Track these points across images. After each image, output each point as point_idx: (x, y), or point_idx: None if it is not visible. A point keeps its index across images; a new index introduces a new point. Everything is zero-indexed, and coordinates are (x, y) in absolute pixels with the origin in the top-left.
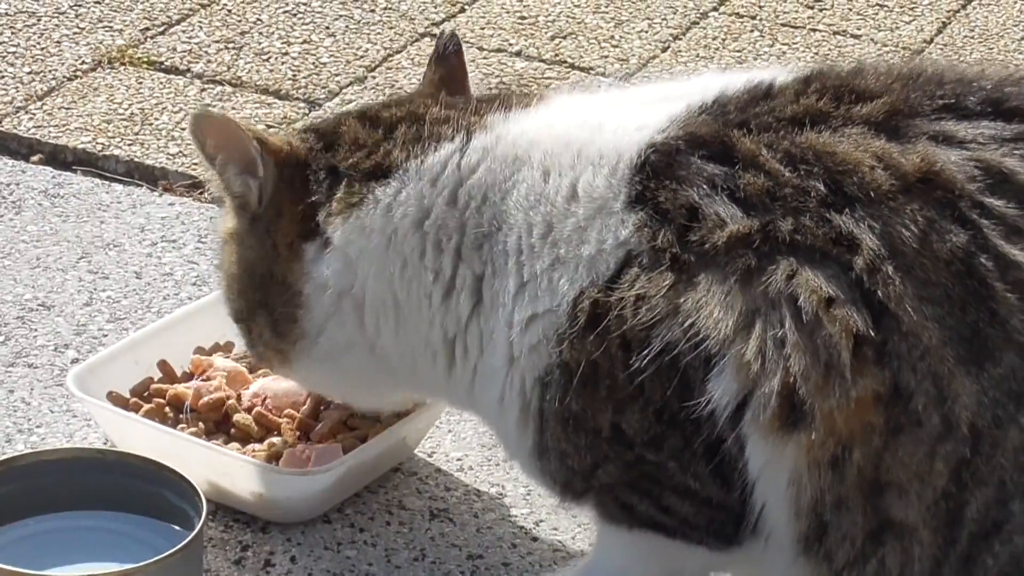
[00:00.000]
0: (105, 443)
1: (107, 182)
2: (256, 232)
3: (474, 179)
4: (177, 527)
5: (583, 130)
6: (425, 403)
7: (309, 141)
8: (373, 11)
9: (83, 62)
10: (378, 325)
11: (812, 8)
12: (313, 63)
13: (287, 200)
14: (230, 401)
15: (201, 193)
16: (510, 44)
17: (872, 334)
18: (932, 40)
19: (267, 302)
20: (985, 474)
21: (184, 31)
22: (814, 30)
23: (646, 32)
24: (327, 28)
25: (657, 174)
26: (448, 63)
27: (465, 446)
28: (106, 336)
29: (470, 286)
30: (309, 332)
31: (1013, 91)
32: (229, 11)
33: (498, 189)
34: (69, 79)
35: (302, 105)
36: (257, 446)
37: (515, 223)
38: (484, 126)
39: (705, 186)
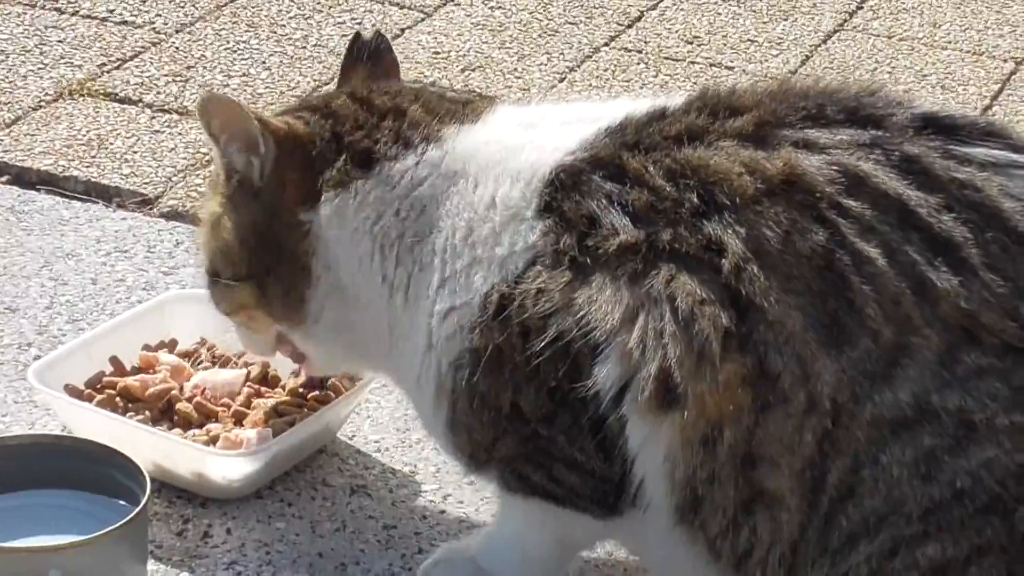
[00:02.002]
0: (62, 430)
1: (67, 200)
2: (262, 204)
3: (419, 191)
4: (125, 503)
5: (509, 150)
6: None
7: (304, 117)
8: (304, 47)
9: (46, 94)
10: (352, 309)
11: (691, 43)
12: (251, 94)
13: (288, 172)
14: (173, 392)
15: (151, 209)
16: (425, 76)
17: (734, 328)
18: (796, 71)
19: (278, 271)
20: (843, 445)
21: (137, 66)
22: (693, 63)
23: (545, 65)
24: (263, 63)
25: (564, 188)
26: (383, 61)
27: (382, 430)
28: (65, 335)
29: (404, 284)
30: (310, 310)
31: (869, 101)
32: (177, 48)
33: (435, 201)
34: (34, 109)
35: None
36: (197, 431)
37: (443, 227)
38: (440, 138)
39: (603, 200)
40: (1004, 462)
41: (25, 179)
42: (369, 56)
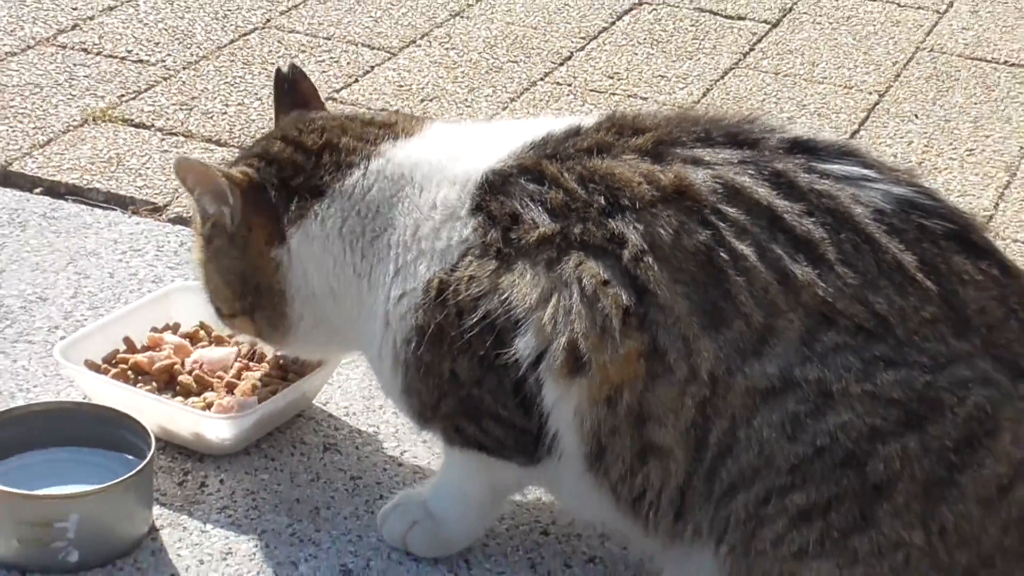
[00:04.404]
0: (83, 398)
1: (90, 207)
2: (236, 246)
3: (371, 195)
4: (133, 458)
5: (449, 159)
6: (323, 363)
7: (256, 166)
8: None
9: (74, 120)
10: (326, 308)
11: (612, 78)
12: (245, 120)
13: (253, 216)
14: (176, 366)
15: (160, 215)
16: (390, 104)
17: (634, 306)
18: (699, 101)
19: (261, 304)
20: (722, 410)
21: (150, 97)
22: (614, 94)
23: (491, 96)
24: (256, 94)
25: (493, 190)
26: (300, 88)
27: (350, 397)
28: (86, 320)
29: (368, 273)
30: (294, 321)
31: (748, 127)
32: (184, 82)
33: (386, 202)
34: (63, 132)
35: (237, 151)
36: (196, 399)
37: (398, 225)
38: (379, 153)
39: (526, 199)
40: (857, 424)
41: (55, 191)
42: (289, 87)
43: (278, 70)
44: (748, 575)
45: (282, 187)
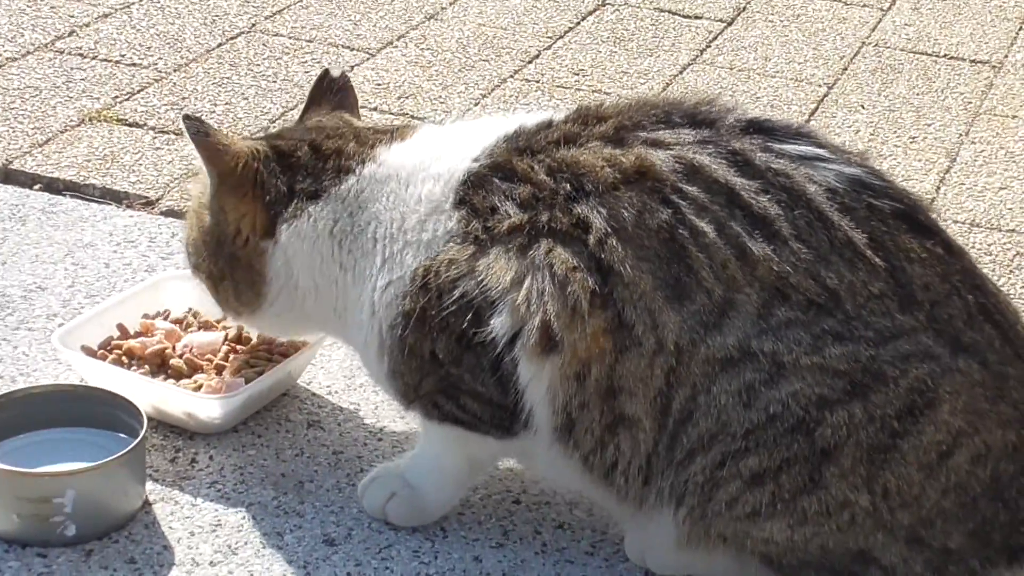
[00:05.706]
0: (80, 381)
1: (86, 202)
2: (213, 217)
3: (363, 196)
4: (127, 437)
5: (432, 158)
6: (307, 344)
7: (268, 156)
8: (275, 82)
9: (72, 120)
10: (306, 298)
11: (577, 75)
12: (232, 118)
13: (230, 202)
14: (167, 351)
15: (152, 208)
16: (369, 102)
17: (598, 289)
18: (659, 95)
19: (234, 277)
20: (684, 379)
21: (143, 97)
22: (579, 90)
23: (463, 92)
24: (242, 95)
25: (474, 186)
26: (348, 97)
27: (332, 377)
28: (83, 308)
29: (352, 266)
30: (267, 301)
31: (705, 108)
32: (175, 83)
33: (374, 200)
34: (61, 132)
35: None
36: (186, 381)
37: (383, 220)
38: (373, 158)
39: (501, 194)
40: (807, 393)
41: (54, 187)
42: (337, 91)
43: (326, 71)
44: (705, 535)
45: (287, 190)
